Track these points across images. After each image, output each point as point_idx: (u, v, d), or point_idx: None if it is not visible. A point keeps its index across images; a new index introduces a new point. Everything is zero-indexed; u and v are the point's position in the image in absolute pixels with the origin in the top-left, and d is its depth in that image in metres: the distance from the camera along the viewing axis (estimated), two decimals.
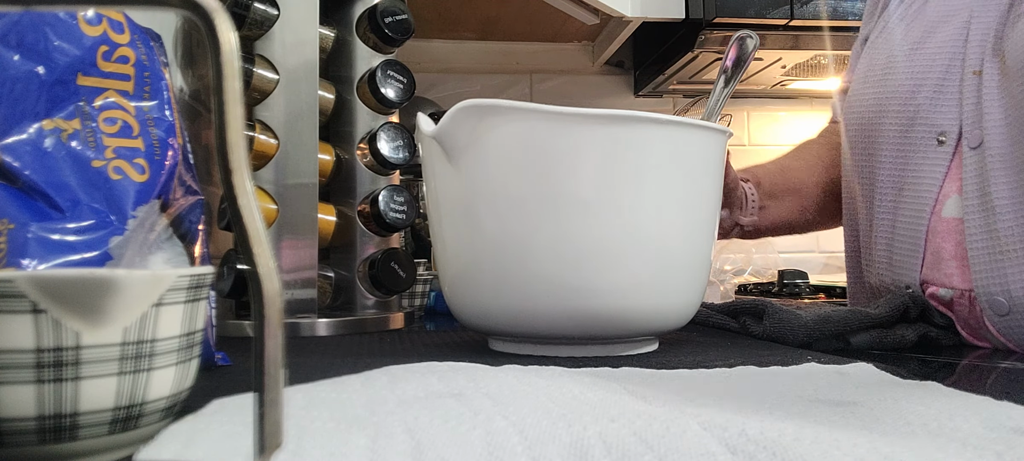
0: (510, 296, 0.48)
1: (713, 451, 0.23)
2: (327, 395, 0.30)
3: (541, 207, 0.46)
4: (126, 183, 0.45)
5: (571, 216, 0.45)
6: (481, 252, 0.48)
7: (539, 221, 0.46)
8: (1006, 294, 0.57)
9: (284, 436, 0.15)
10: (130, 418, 0.26)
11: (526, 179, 0.46)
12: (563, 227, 0.46)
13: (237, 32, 0.40)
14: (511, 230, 0.46)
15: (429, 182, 0.53)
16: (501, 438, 0.23)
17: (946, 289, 0.61)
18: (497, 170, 0.46)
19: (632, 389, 0.33)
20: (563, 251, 0.46)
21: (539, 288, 0.47)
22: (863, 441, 0.24)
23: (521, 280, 0.47)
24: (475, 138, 0.46)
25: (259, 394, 0.14)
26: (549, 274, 0.46)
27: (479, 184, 0.47)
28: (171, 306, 0.27)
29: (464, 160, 0.47)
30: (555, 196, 0.45)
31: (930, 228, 0.62)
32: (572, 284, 0.46)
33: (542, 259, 0.46)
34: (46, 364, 0.24)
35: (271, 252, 0.14)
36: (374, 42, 0.77)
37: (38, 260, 0.40)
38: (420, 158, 0.57)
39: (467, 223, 0.48)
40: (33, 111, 0.42)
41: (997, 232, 0.57)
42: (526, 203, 0.46)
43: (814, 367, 0.43)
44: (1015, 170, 0.57)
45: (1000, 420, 0.28)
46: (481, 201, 0.47)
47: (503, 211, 0.46)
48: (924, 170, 0.63)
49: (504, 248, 0.47)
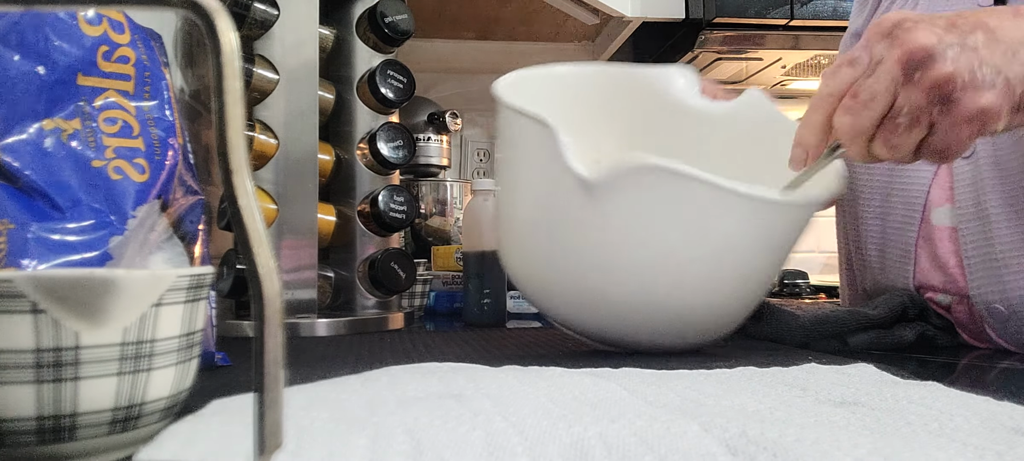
0: (598, 306, 0.51)
1: (714, 452, 0.23)
2: (327, 395, 0.30)
3: (670, 262, 0.48)
4: (126, 183, 0.45)
5: (678, 261, 0.48)
6: (604, 283, 0.50)
7: (648, 254, 0.48)
8: (1004, 301, 0.56)
9: (284, 436, 0.15)
10: (129, 418, 0.26)
11: (666, 235, 0.47)
12: (665, 263, 0.48)
13: (237, 32, 0.40)
14: (623, 256, 0.48)
15: (549, 210, 0.52)
16: (501, 439, 0.23)
17: (944, 295, 0.61)
18: (642, 222, 0.47)
19: (633, 389, 0.33)
20: (670, 297, 0.49)
21: (628, 305, 0.50)
22: (864, 442, 0.24)
23: (612, 297, 0.50)
24: (632, 193, 0.46)
25: (259, 394, 0.14)
26: (639, 296, 0.49)
27: (621, 228, 0.48)
28: (171, 306, 0.27)
29: (609, 206, 0.47)
30: (673, 249, 0.47)
31: (924, 235, 0.62)
32: (658, 309, 0.50)
33: (654, 297, 0.49)
34: (45, 364, 0.24)
35: (271, 252, 0.14)
36: (374, 42, 0.77)
37: (38, 260, 0.40)
38: (508, 143, 0.56)
39: (599, 260, 0.50)
40: (33, 111, 0.42)
41: (992, 240, 0.57)
42: (663, 256, 0.48)
43: (815, 367, 0.43)
44: (1008, 178, 0.56)
45: (1001, 420, 0.28)
46: (622, 243, 0.48)
47: (637, 255, 0.48)
48: (911, 175, 0.63)
49: (611, 269, 0.49)
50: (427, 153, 1.26)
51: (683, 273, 0.48)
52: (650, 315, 0.50)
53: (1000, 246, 0.56)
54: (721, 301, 0.50)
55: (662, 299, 0.48)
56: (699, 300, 0.49)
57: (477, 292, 0.79)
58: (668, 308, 0.49)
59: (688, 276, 0.48)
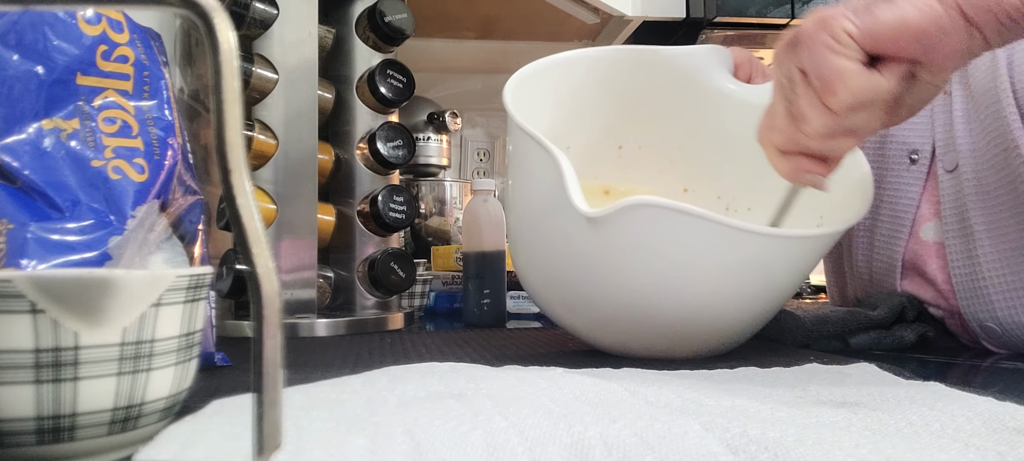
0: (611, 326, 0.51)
1: (715, 452, 0.23)
2: (327, 395, 0.30)
3: (670, 287, 0.47)
4: (125, 183, 0.45)
5: (681, 294, 0.47)
6: (595, 294, 0.50)
7: (654, 285, 0.47)
8: (995, 320, 0.56)
9: (283, 437, 0.15)
10: (129, 419, 0.26)
11: (662, 265, 0.47)
12: (668, 299, 0.48)
13: (236, 31, 0.40)
14: (628, 285, 0.48)
15: (552, 229, 0.51)
16: (501, 439, 0.23)
17: (936, 309, 0.61)
18: (641, 255, 0.47)
19: (634, 390, 0.33)
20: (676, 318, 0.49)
21: (635, 325, 0.50)
22: (866, 442, 0.24)
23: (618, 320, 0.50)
24: (635, 231, 0.46)
25: (258, 395, 0.14)
26: (644, 323, 0.49)
27: (621, 259, 0.47)
28: (170, 306, 0.27)
29: (608, 239, 0.47)
30: (677, 279, 0.47)
31: (912, 249, 0.62)
32: (665, 329, 0.49)
33: (641, 314, 0.49)
34: (45, 364, 0.24)
35: (270, 252, 0.14)
36: (374, 41, 0.77)
37: (37, 260, 0.40)
38: (517, 164, 0.55)
39: (601, 283, 0.49)
40: (32, 111, 0.42)
41: (977, 259, 0.56)
42: (659, 280, 0.47)
43: (816, 367, 0.43)
44: (988, 196, 0.55)
45: (1003, 420, 0.28)
46: (623, 272, 0.48)
47: (638, 283, 0.48)
48: (899, 188, 0.62)
49: (617, 297, 0.49)
50: (427, 153, 1.26)
51: (684, 301, 0.48)
52: (654, 336, 0.50)
53: (986, 265, 0.55)
54: (725, 327, 0.50)
55: (665, 323, 0.48)
56: (703, 325, 0.49)
57: (477, 292, 0.79)
58: (672, 330, 0.49)
59: (691, 304, 0.48)
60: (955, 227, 0.58)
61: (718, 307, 0.48)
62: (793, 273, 0.49)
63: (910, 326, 0.58)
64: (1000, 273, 0.55)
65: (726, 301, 0.48)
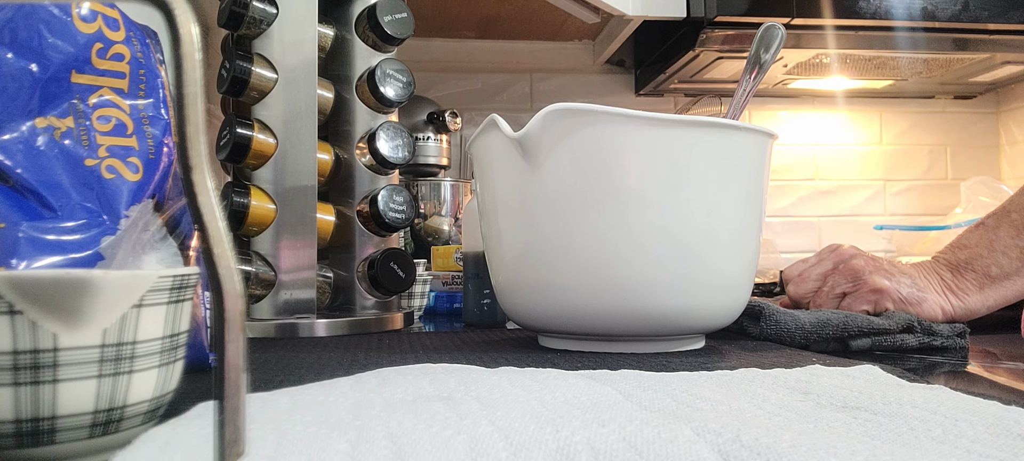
0: (569, 293, 0.51)
1: (705, 457, 0.22)
2: (314, 398, 0.30)
3: (607, 205, 0.49)
4: (119, 182, 0.44)
5: (627, 213, 0.49)
6: (547, 251, 0.51)
7: (601, 219, 0.49)
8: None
9: (246, 444, 0.14)
10: (111, 421, 0.26)
11: (599, 179, 0.49)
12: (618, 224, 0.49)
13: (236, 31, 0.40)
14: (577, 228, 0.49)
15: (493, 184, 0.55)
16: (485, 444, 0.22)
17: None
18: (575, 170, 0.49)
19: (628, 393, 0.32)
20: (617, 249, 0.49)
21: (593, 285, 0.50)
22: (862, 448, 0.23)
23: (578, 277, 0.50)
24: (558, 140, 0.49)
25: (219, 401, 0.14)
26: (602, 271, 0.49)
27: (556, 183, 0.50)
28: (153, 307, 0.26)
29: (544, 161, 0.50)
30: (622, 194, 0.49)
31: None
32: (623, 281, 0.49)
33: (599, 257, 0.49)
34: (23, 366, 0.24)
35: (232, 251, 0.14)
36: (373, 41, 0.76)
37: (29, 259, 0.40)
38: (474, 160, 0.59)
39: (533, 222, 0.51)
40: (26, 109, 0.42)
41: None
42: (595, 202, 0.49)
43: (818, 369, 0.42)
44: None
45: (1007, 426, 0.27)
46: (556, 200, 0.50)
47: (573, 209, 0.49)
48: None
49: (570, 246, 0.50)
50: (426, 153, 1.25)
51: (638, 213, 0.49)
52: (617, 295, 0.50)
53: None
54: (678, 257, 0.50)
55: (622, 261, 0.49)
56: (661, 255, 0.49)
57: (477, 292, 0.78)
58: (633, 279, 0.49)
59: (644, 215, 0.49)
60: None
61: (669, 220, 0.49)
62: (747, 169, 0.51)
63: (914, 334, 0.57)
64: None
65: (671, 207, 0.49)
